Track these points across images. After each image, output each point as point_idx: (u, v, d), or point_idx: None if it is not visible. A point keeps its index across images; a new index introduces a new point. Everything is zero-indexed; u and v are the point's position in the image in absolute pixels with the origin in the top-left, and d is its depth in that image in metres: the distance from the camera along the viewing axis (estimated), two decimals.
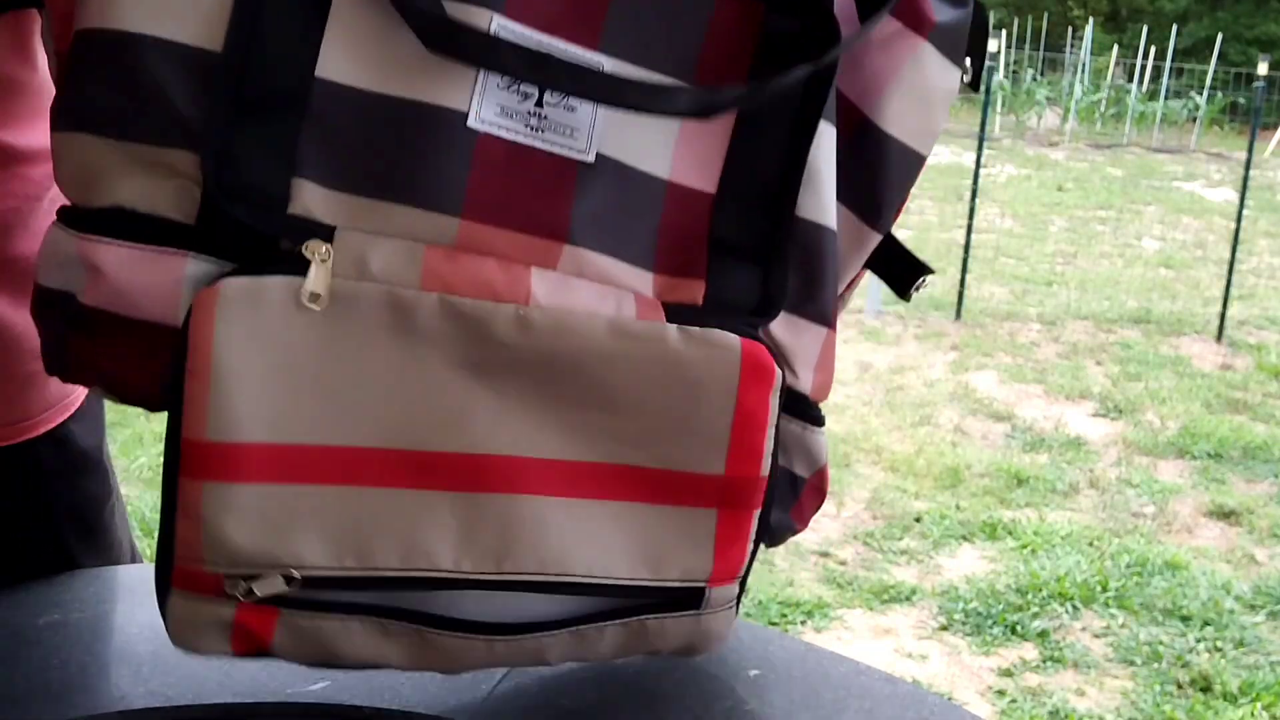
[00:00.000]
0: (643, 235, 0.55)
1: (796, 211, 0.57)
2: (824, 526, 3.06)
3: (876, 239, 0.62)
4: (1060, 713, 2.25)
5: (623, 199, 0.54)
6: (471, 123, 0.51)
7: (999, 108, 12.64)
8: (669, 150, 0.55)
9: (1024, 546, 2.97)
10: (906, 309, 5.31)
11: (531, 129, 0.52)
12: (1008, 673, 2.39)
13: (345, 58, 0.51)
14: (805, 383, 0.61)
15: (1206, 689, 2.36)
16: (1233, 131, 13.04)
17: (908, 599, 2.68)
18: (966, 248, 5.34)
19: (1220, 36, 13.65)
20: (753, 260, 0.57)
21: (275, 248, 0.50)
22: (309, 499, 0.50)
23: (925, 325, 5.06)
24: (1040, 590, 2.73)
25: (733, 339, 0.54)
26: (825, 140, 0.57)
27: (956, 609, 2.63)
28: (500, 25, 0.50)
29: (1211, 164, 11.12)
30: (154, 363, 0.51)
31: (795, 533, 0.65)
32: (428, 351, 0.50)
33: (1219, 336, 5.11)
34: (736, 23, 0.55)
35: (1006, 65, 13.29)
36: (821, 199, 0.58)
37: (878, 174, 0.61)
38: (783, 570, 2.79)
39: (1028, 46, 14.16)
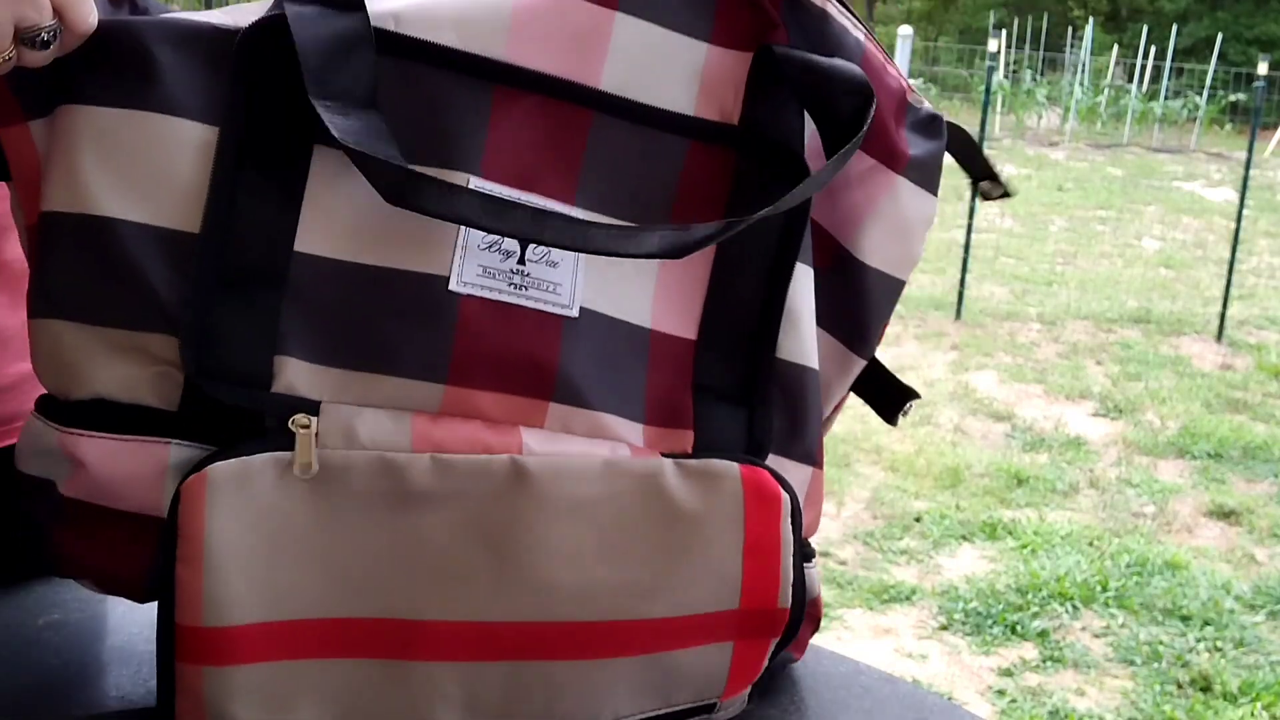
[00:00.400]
0: (630, 387, 0.55)
1: (777, 353, 0.57)
2: (824, 526, 3.07)
3: (861, 364, 0.63)
4: (1060, 712, 2.25)
5: (608, 351, 0.54)
6: (453, 286, 0.51)
7: (999, 108, 12.64)
8: (649, 299, 0.55)
9: (1024, 546, 2.97)
10: (906, 308, 5.31)
11: (514, 286, 0.52)
12: (1008, 672, 2.39)
13: (323, 230, 0.50)
14: None
15: (1206, 689, 2.36)
16: (1233, 131, 13.04)
17: (908, 599, 2.68)
18: (966, 247, 5.34)
19: (1220, 36, 13.65)
20: (737, 403, 0.57)
21: (259, 425, 0.49)
22: (310, 674, 0.48)
23: (925, 325, 5.06)
24: (1040, 590, 2.73)
25: (731, 465, 0.54)
26: (802, 281, 0.58)
27: (956, 609, 2.63)
28: (477, 186, 0.51)
29: (1211, 164, 11.13)
30: (138, 551, 0.50)
31: (793, 661, 0.64)
32: (424, 514, 0.49)
33: (1219, 336, 5.11)
34: (708, 170, 0.55)
35: (1006, 65, 13.29)
36: (802, 340, 0.58)
37: (860, 303, 0.61)
38: None
39: (1028, 46, 14.16)
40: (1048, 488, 3.39)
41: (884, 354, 0.65)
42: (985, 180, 0.63)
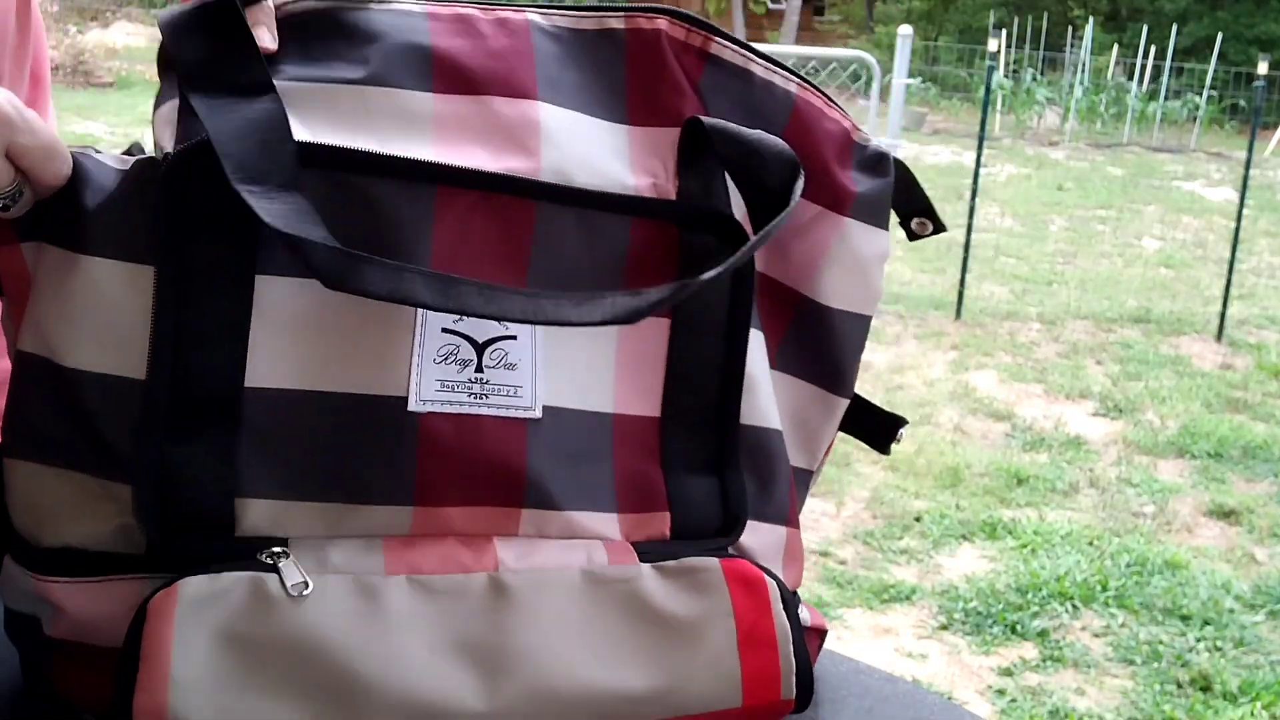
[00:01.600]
0: (599, 478, 0.54)
1: (740, 419, 0.57)
2: (824, 526, 3.06)
3: (844, 404, 0.64)
4: (1060, 712, 2.25)
5: (574, 445, 0.53)
6: (413, 406, 0.50)
7: (999, 107, 12.63)
8: (610, 383, 0.54)
9: (1024, 546, 2.97)
10: (906, 308, 5.31)
11: (474, 396, 0.51)
12: (1007, 672, 2.39)
13: (273, 361, 0.49)
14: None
15: (1206, 688, 2.36)
16: (1233, 131, 13.04)
17: (908, 598, 2.68)
18: (966, 247, 5.34)
19: (1220, 36, 13.64)
20: (707, 474, 0.56)
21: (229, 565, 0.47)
22: None
23: (925, 325, 5.06)
24: (1040, 590, 2.73)
25: (711, 561, 0.53)
26: (755, 346, 0.58)
27: (956, 608, 2.63)
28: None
29: (1211, 163, 11.12)
30: None
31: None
32: (404, 634, 0.47)
33: (1219, 336, 5.11)
34: (654, 246, 0.55)
35: (1007, 65, 13.29)
36: (760, 404, 0.58)
37: (831, 345, 0.62)
38: None
39: (1028, 46, 14.15)
40: (1048, 487, 3.39)
41: (884, 354, 0.66)
42: (919, 217, 0.64)
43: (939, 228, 0.65)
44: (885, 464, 3.49)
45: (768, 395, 0.59)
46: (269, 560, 0.47)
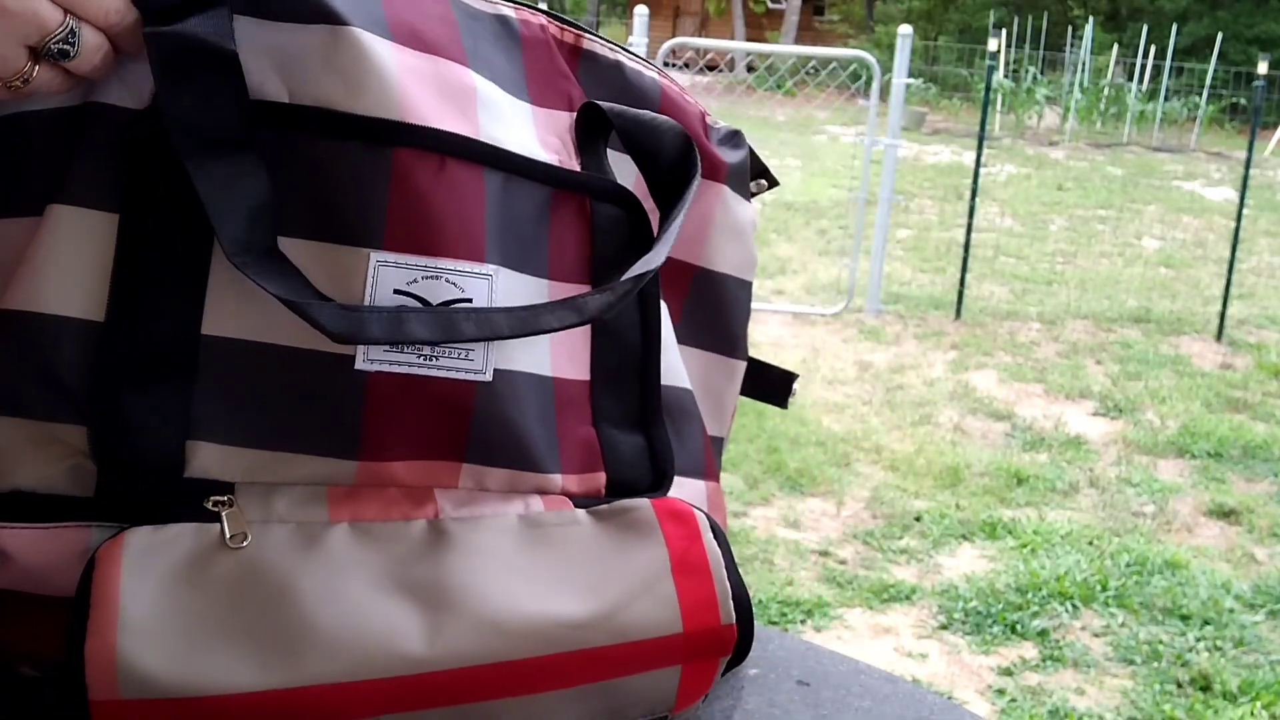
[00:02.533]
0: (541, 438, 0.56)
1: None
2: (824, 526, 3.06)
3: (743, 366, 0.68)
4: (1060, 712, 2.25)
5: (520, 405, 0.55)
6: (359, 365, 0.51)
7: (999, 107, 12.64)
8: (548, 349, 0.56)
9: (1024, 546, 2.97)
10: (906, 308, 5.31)
11: (425, 358, 0.52)
12: (1007, 672, 2.39)
13: (230, 311, 0.50)
14: None
15: (1206, 688, 2.36)
16: (1233, 131, 13.04)
17: (907, 598, 2.68)
18: (966, 247, 5.34)
19: (1220, 36, 13.65)
20: (635, 431, 0.59)
21: (177, 508, 0.48)
22: None
23: (925, 324, 5.06)
24: (1040, 589, 2.73)
25: (641, 501, 0.55)
26: (664, 315, 0.61)
27: (956, 608, 2.63)
28: (379, 260, 0.50)
29: (1211, 163, 11.12)
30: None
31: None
32: (347, 578, 0.49)
33: (1219, 336, 5.11)
34: (571, 217, 0.58)
35: (1007, 64, 13.29)
36: (672, 363, 0.62)
37: (724, 312, 0.66)
38: (782, 569, 2.79)
39: (1028, 46, 14.15)
40: (1047, 487, 3.39)
41: (884, 354, 0.67)
42: (757, 179, 0.69)
43: (772, 183, 0.70)
44: (885, 464, 3.49)
45: (676, 355, 0.63)
46: (214, 508, 0.48)
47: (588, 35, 0.61)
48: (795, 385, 0.70)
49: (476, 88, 0.54)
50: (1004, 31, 12.92)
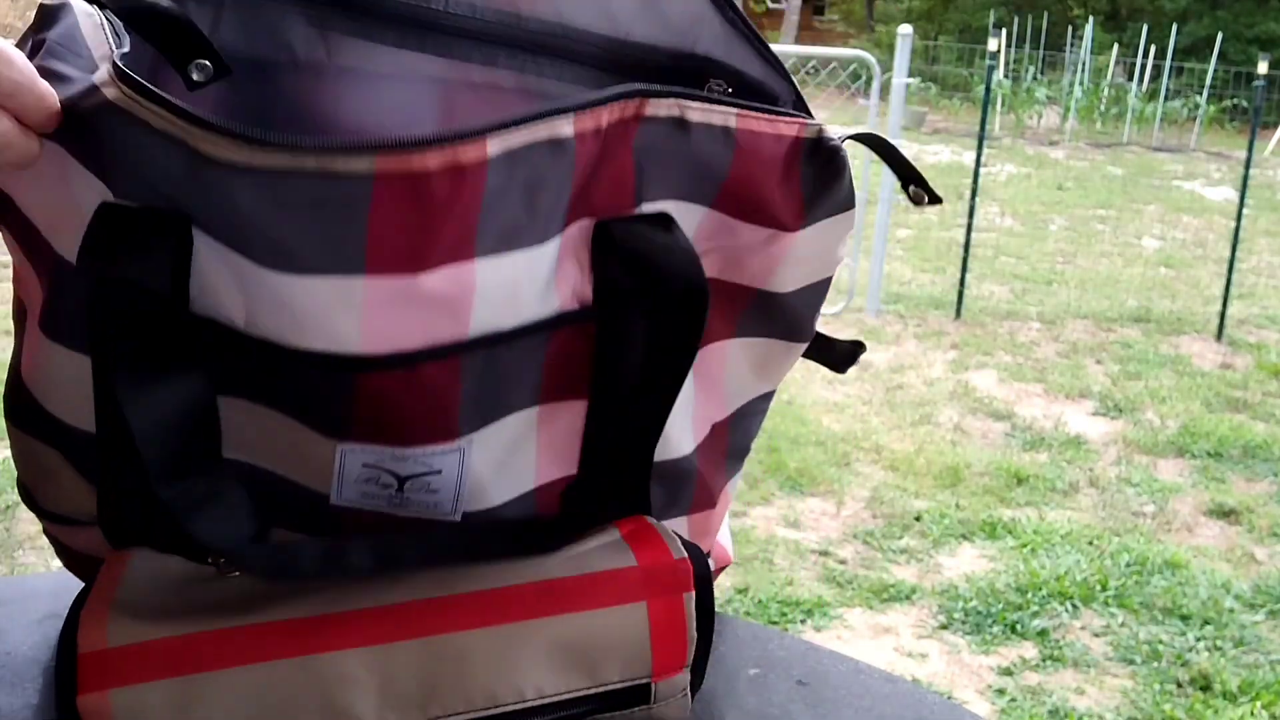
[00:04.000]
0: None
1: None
2: (824, 525, 3.06)
3: (806, 345, 0.65)
4: (1060, 711, 2.25)
5: (495, 517, 0.56)
6: (334, 500, 0.52)
7: (999, 107, 12.64)
8: (533, 458, 0.55)
9: (1024, 545, 2.97)
10: (907, 307, 5.30)
11: (392, 500, 0.52)
12: (1007, 671, 2.39)
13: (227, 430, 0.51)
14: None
15: (1206, 688, 2.36)
16: (1233, 130, 13.04)
17: (907, 598, 2.68)
18: (966, 246, 5.34)
19: (1220, 36, 13.65)
20: (613, 502, 0.58)
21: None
22: (220, 684, 0.48)
23: (925, 324, 5.06)
24: (1040, 589, 2.73)
25: (603, 525, 0.56)
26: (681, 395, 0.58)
27: (956, 608, 2.63)
28: (345, 449, 0.50)
29: (1211, 163, 11.12)
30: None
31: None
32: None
33: (1219, 335, 5.11)
34: (572, 346, 0.54)
35: (1007, 64, 13.29)
36: (672, 441, 0.59)
37: (791, 314, 0.63)
38: (782, 569, 2.79)
39: (1028, 45, 14.15)
40: (1047, 487, 3.39)
41: (884, 353, 0.66)
42: (914, 185, 0.61)
43: (934, 198, 0.61)
44: (885, 463, 3.49)
45: (682, 426, 0.60)
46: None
47: (652, 99, 0.52)
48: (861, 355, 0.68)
49: (476, 284, 0.48)
50: (1004, 31, 12.92)
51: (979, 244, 6.05)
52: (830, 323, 4.92)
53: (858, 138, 0.58)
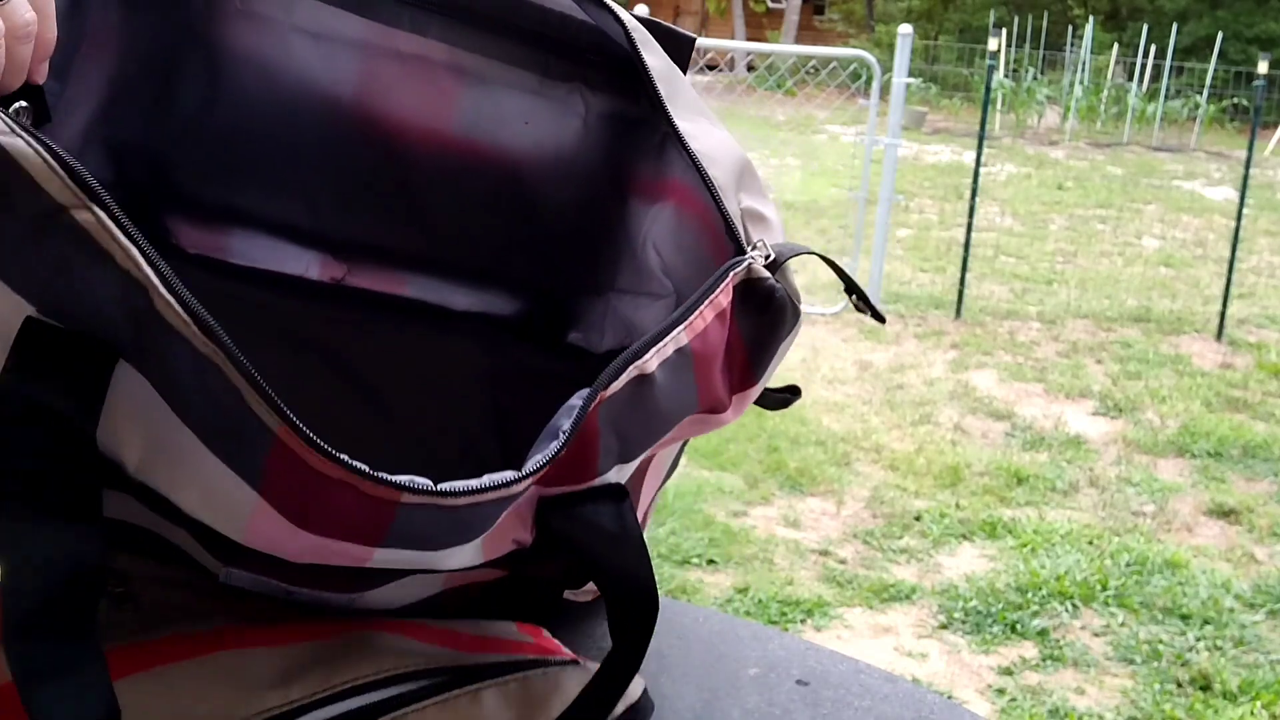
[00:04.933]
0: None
1: None
2: (824, 525, 3.06)
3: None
4: (1060, 711, 2.25)
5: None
6: (223, 581, 0.50)
7: (999, 106, 12.63)
8: (439, 585, 0.53)
9: (1024, 545, 2.97)
10: (906, 307, 5.30)
11: (284, 596, 0.51)
12: (1007, 671, 2.39)
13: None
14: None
15: (1206, 687, 2.36)
16: (1233, 130, 13.03)
17: (907, 598, 2.68)
18: (966, 246, 5.34)
19: (1220, 35, 13.64)
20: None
21: None
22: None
23: (925, 324, 5.06)
24: (1040, 589, 2.73)
25: (507, 625, 0.55)
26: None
27: (956, 607, 2.63)
28: (231, 570, 0.48)
29: (1212, 163, 11.12)
30: None
31: None
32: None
33: (1219, 335, 5.11)
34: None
35: (1007, 64, 13.29)
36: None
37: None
38: (782, 569, 2.79)
39: (1028, 45, 14.15)
40: (1047, 486, 3.39)
41: (884, 353, 0.66)
42: (856, 295, 0.58)
43: (876, 316, 0.59)
44: (885, 463, 3.49)
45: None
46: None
47: (614, 380, 0.48)
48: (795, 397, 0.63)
49: (373, 557, 0.45)
50: (1004, 31, 12.92)
51: (979, 244, 6.05)
52: (830, 323, 4.92)
53: (788, 257, 0.53)
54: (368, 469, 0.41)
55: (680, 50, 0.59)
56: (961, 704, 0.65)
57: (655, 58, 0.56)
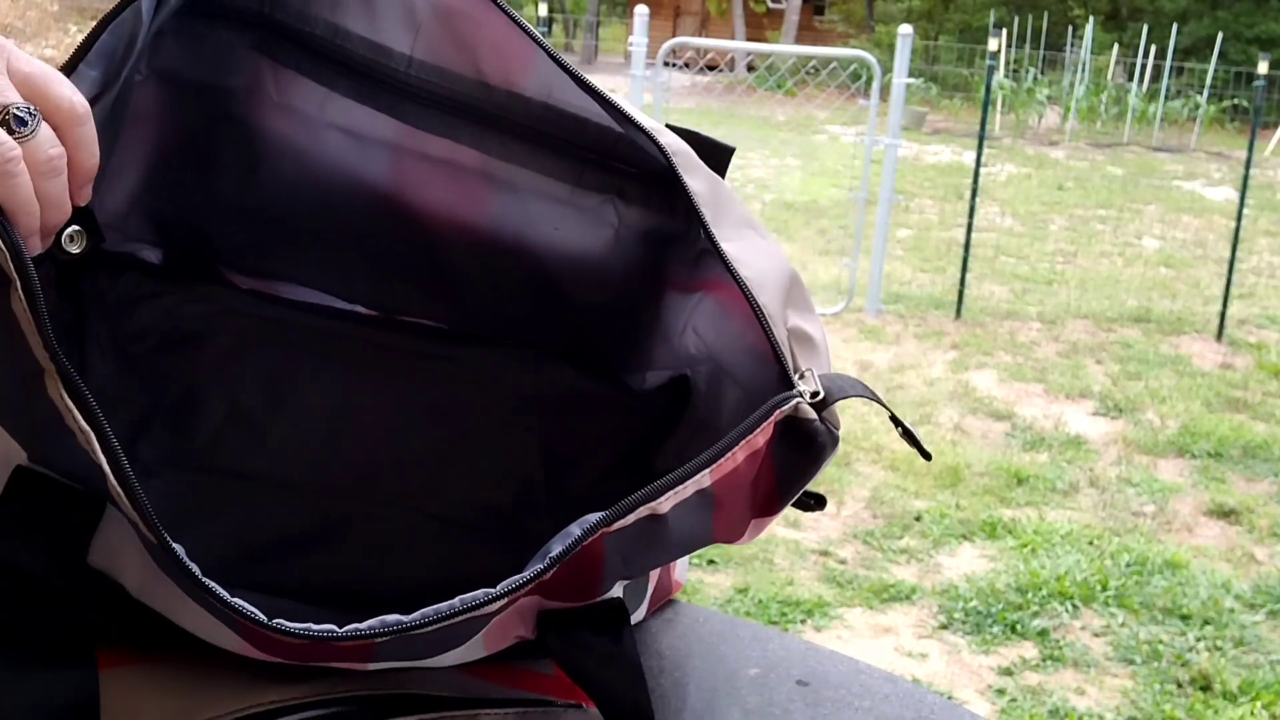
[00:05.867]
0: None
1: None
2: (824, 526, 3.06)
3: None
4: (1060, 711, 2.25)
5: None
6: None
7: (999, 107, 12.63)
8: (480, 648, 0.52)
9: (1024, 545, 2.97)
10: (907, 307, 5.30)
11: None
12: (1008, 671, 2.39)
13: (135, 571, 0.48)
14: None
15: (1206, 688, 2.36)
16: (1233, 131, 13.04)
17: (908, 598, 2.68)
18: (967, 246, 5.34)
19: (1220, 35, 13.64)
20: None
21: None
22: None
23: (925, 324, 5.06)
24: (1040, 589, 2.73)
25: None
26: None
27: (956, 608, 2.63)
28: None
29: (1212, 163, 11.12)
30: None
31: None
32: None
33: (1219, 335, 5.11)
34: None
35: (1007, 64, 13.28)
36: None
37: None
38: (782, 569, 2.79)
39: (1028, 45, 14.15)
40: (1048, 487, 3.39)
41: (884, 354, 0.65)
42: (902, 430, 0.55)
43: (923, 454, 0.55)
44: (885, 464, 3.49)
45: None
46: None
47: (623, 517, 0.47)
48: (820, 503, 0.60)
49: (369, 667, 0.48)
50: (1004, 31, 12.91)
51: (979, 244, 6.05)
52: (830, 323, 4.93)
53: (837, 399, 0.51)
54: (333, 629, 0.42)
55: (720, 160, 0.58)
56: (961, 704, 0.65)
57: (696, 179, 0.54)
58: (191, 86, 0.57)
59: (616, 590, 0.50)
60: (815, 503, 0.57)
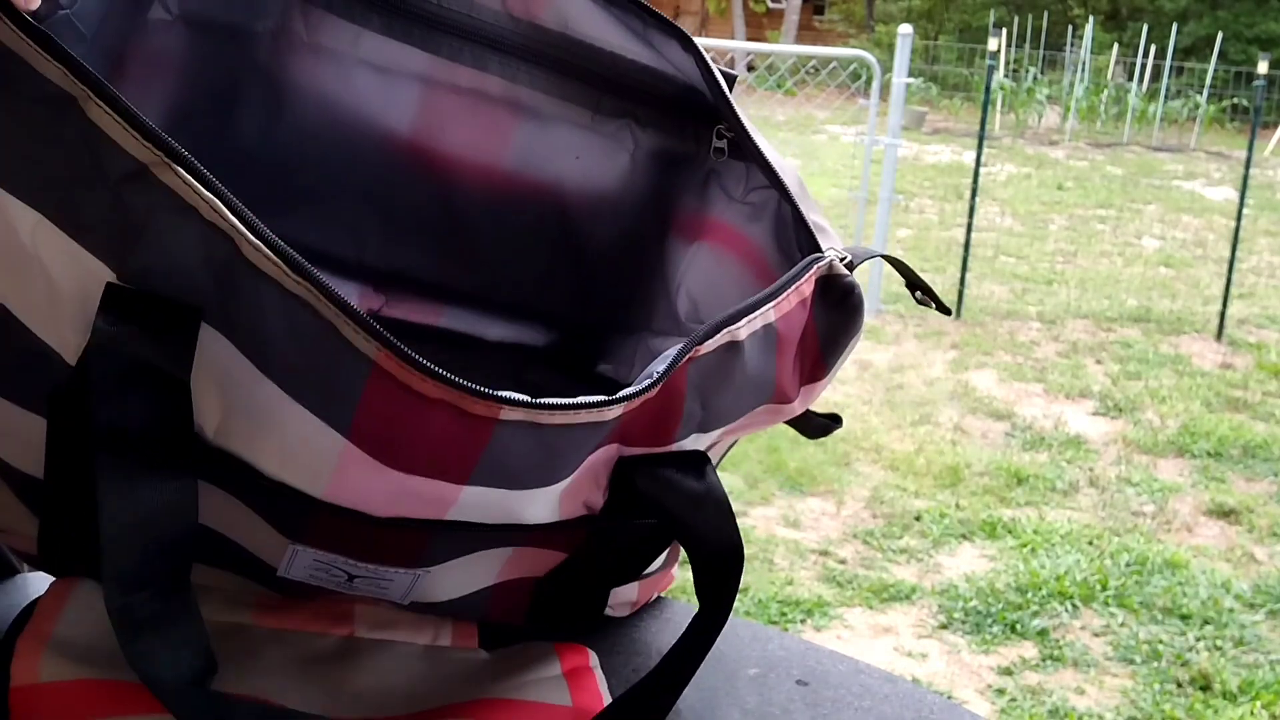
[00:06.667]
0: (463, 604, 0.55)
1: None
2: (823, 525, 3.06)
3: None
4: (1060, 711, 2.25)
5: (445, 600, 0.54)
6: (281, 573, 0.50)
7: (999, 106, 12.63)
8: (494, 575, 0.53)
9: (1024, 545, 2.97)
10: (906, 307, 5.30)
11: (342, 587, 0.51)
12: (1007, 671, 2.39)
13: None
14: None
15: (1206, 687, 2.36)
16: (1233, 130, 13.04)
17: (907, 597, 2.68)
18: (966, 246, 5.34)
19: (1220, 35, 13.65)
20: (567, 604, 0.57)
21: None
22: None
23: (925, 324, 5.06)
24: (1040, 589, 2.73)
25: (546, 647, 0.55)
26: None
27: (956, 607, 2.63)
28: (297, 548, 0.47)
29: (1212, 163, 11.12)
30: None
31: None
32: (259, 660, 0.51)
33: (1219, 335, 5.11)
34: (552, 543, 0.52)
35: (1007, 64, 13.29)
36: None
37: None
38: (782, 569, 2.79)
39: (1028, 45, 14.15)
40: (1047, 486, 3.39)
41: (884, 353, 0.66)
42: (920, 292, 0.60)
43: (942, 308, 0.60)
44: (885, 463, 3.49)
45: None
46: None
47: (708, 339, 0.48)
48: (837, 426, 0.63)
49: (459, 500, 0.45)
50: (1004, 31, 12.92)
51: (979, 244, 6.05)
52: None
53: (863, 259, 0.57)
54: (470, 383, 0.41)
55: (729, 86, 0.63)
56: (961, 704, 0.65)
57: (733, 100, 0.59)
58: (220, 31, 0.57)
59: (691, 444, 0.50)
60: (832, 421, 0.61)
